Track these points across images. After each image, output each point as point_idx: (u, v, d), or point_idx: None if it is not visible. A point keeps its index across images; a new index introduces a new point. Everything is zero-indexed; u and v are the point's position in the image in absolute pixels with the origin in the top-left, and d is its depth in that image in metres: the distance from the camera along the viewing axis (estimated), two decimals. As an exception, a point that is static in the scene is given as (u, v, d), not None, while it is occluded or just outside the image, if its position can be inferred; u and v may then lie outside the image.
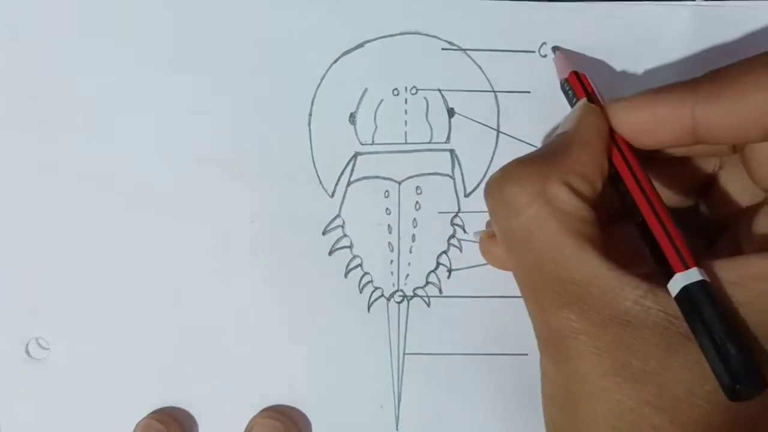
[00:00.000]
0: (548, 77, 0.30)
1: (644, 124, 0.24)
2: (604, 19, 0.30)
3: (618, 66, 0.30)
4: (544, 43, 0.30)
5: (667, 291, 0.22)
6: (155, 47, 0.31)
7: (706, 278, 0.22)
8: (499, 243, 0.25)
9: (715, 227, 0.28)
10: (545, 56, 0.30)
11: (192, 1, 0.31)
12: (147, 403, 0.31)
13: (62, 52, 0.31)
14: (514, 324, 0.31)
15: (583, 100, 0.27)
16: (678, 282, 0.22)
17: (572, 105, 0.28)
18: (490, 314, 0.31)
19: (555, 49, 0.30)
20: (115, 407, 0.31)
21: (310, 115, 0.31)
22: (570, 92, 0.28)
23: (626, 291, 0.22)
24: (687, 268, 0.22)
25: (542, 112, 0.30)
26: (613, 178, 0.25)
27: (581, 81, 0.28)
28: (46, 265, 0.31)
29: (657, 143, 0.25)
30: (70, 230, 0.31)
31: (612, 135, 0.25)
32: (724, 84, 0.23)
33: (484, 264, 0.31)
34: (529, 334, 0.30)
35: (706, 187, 0.28)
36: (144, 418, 0.31)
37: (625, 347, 0.22)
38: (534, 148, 0.31)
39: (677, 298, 0.22)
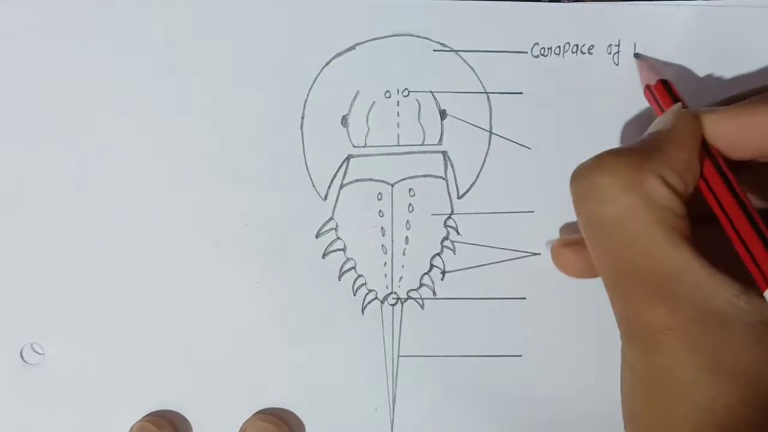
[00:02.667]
0: (540, 78, 0.30)
1: (738, 135, 0.25)
2: (601, 19, 0.30)
3: (615, 66, 0.30)
4: (536, 43, 0.30)
5: (760, 294, 0.22)
6: (147, 51, 0.31)
7: None
8: (584, 233, 0.25)
9: None
10: (537, 57, 0.30)
11: (184, 4, 0.31)
12: (141, 407, 0.31)
13: (59, 54, 0.31)
14: (508, 326, 0.31)
15: (678, 105, 0.27)
16: None
17: (660, 111, 0.28)
18: (484, 316, 0.31)
19: (637, 56, 0.30)
20: (109, 411, 0.31)
21: (302, 118, 0.31)
22: (657, 97, 0.28)
23: (721, 289, 0.22)
24: None
25: (535, 113, 0.30)
26: (704, 184, 0.25)
27: (670, 88, 0.28)
28: (40, 270, 0.31)
29: (747, 153, 0.25)
30: (64, 234, 0.31)
31: (705, 142, 0.25)
32: None
33: (477, 266, 0.31)
34: (523, 335, 0.31)
35: None
36: (138, 421, 0.31)
37: (719, 345, 0.22)
38: (527, 150, 0.31)
39: None
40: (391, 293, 0.31)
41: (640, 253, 0.23)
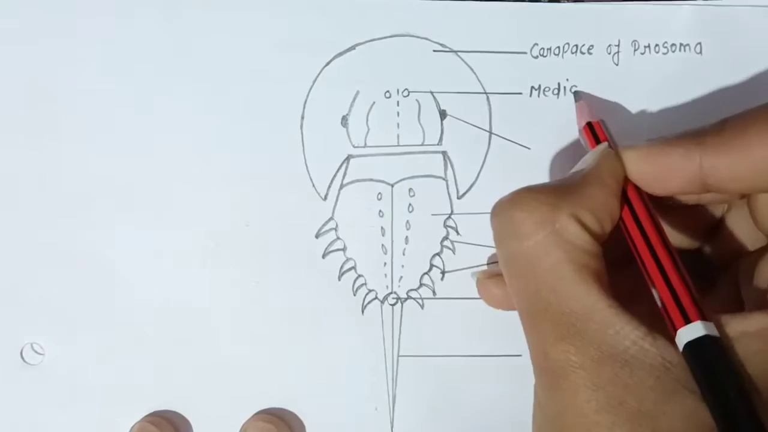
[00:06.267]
0: (540, 79, 0.30)
1: (655, 174, 0.25)
2: (601, 19, 0.30)
3: (615, 66, 0.30)
4: (536, 43, 0.30)
5: (665, 335, 0.22)
6: (147, 51, 0.31)
7: (713, 333, 0.22)
8: (501, 267, 0.25)
9: (716, 268, 0.28)
10: (537, 57, 0.30)
11: (184, 5, 0.31)
12: (141, 407, 0.31)
13: (59, 56, 0.31)
14: (508, 325, 0.31)
15: (604, 144, 0.27)
16: (684, 335, 0.22)
17: (587, 149, 0.28)
18: (484, 316, 0.31)
19: (577, 96, 0.30)
20: (109, 411, 0.31)
21: (303, 118, 0.31)
22: (586, 138, 0.28)
23: (625, 330, 0.22)
24: (693, 320, 0.22)
25: (534, 114, 0.30)
26: (623, 224, 0.25)
27: (604, 128, 0.28)
28: (40, 270, 0.31)
29: (667, 191, 0.25)
30: (64, 234, 0.31)
31: (625, 181, 0.25)
32: (729, 136, 0.24)
33: (477, 266, 0.31)
34: (522, 335, 0.31)
35: (713, 229, 0.28)
36: (138, 422, 0.31)
37: (621, 386, 0.22)
38: (526, 150, 0.31)
39: (684, 349, 0.22)
40: (391, 293, 0.31)
41: (550, 290, 0.23)
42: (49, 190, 0.31)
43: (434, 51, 0.31)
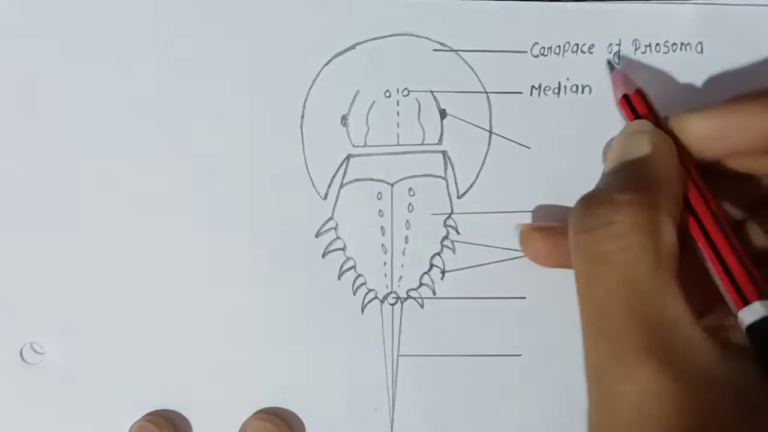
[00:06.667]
0: (540, 78, 0.30)
1: (722, 131, 0.24)
2: (601, 19, 0.30)
3: (615, 66, 0.30)
4: (536, 43, 0.30)
5: (737, 350, 0.22)
6: (147, 51, 0.31)
7: None
8: (576, 258, 0.24)
9: (764, 245, 0.27)
10: (537, 57, 0.30)
11: (184, 4, 0.31)
12: (141, 406, 0.31)
13: (59, 53, 0.31)
14: (508, 325, 0.31)
15: (648, 125, 0.26)
16: (755, 311, 0.22)
17: (633, 118, 0.27)
18: (484, 315, 0.31)
19: (611, 66, 0.30)
20: (109, 410, 0.31)
21: (302, 117, 0.31)
22: (623, 112, 0.28)
23: (706, 348, 0.21)
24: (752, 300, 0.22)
25: (534, 113, 0.30)
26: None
27: (645, 100, 0.27)
28: (40, 269, 0.31)
29: (733, 148, 0.25)
30: (65, 234, 0.31)
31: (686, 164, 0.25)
32: None
33: (477, 265, 0.31)
34: (522, 335, 0.31)
35: (759, 203, 0.28)
36: (138, 421, 0.31)
37: (706, 406, 0.21)
38: (526, 150, 0.31)
39: (750, 327, 0.22)
40: (391, 293, 0.31)
41: (637, 296, 0.22)
42: (49, 190, 0.31)
43: (434, 50, 0.31)
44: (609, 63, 0.30)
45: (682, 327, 0.22)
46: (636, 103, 0.27)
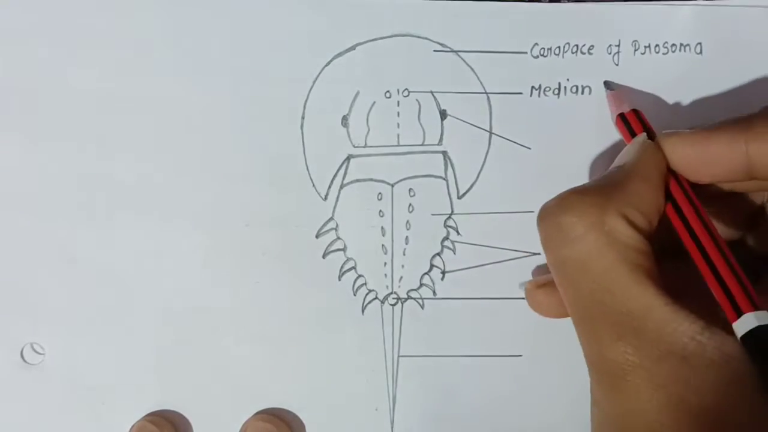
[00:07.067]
0: (540, 78, 0.30)
1: (700, 160, 0.25)
2: (601, 19, 0.30)
3: (615, 66, 0.30)
4: (536, 43, 0.30)
5: (722, 329, 0.22)
6: (147, 51, 0.31)
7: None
8: (552, 273, 0.25)
9: (760, 259, 0.28)
10: (537, 57, 0.30)
11: (184, 4, 0.31)
12: (141, 406, 0.31)
13: (58, 54, 0.31)
14: (508, 325, 0.31)
15: (643, 135, 0.27)
16: (747, 322, 0.22)
17: (629, 138, 0.28)
18: (484, 316, 0.31)
19: (608, 86, 0.30)
20: (109, 411, 0.31)
21: (303, 118, 0.31)
22: (620, 130, 0.28)
23: (683, 326, 0.22)
24: (755, 308, 0.22)
25: (534, 114, 0.30)
26: (669, 214, 0.25)
27: (639, 118, 0.28)
28: (40, 270, 0.31)
29: (711, 178, 0.25)
30: (64, 234, 0.31)
31: (671, 170, 0.25)
32: None
33: (477, 266, 0.31)
34: (522, 335, 0.31)
35: (754, 218, 0.28)
36: (138, 421, 0.31)
37: (682, 383, 0.22)
38: (527, 150, 0.31)
39: (744, 336, 0.22)
40: (391, 293, 0.31)
41: (605, 291, 0.23)
42: (48, 190, 0.31)
43: (434, 51, 0.31)
44: (606, 84, 0.30)
45: (653, 312, 0.23)
46: (632, 122, 0.28)
